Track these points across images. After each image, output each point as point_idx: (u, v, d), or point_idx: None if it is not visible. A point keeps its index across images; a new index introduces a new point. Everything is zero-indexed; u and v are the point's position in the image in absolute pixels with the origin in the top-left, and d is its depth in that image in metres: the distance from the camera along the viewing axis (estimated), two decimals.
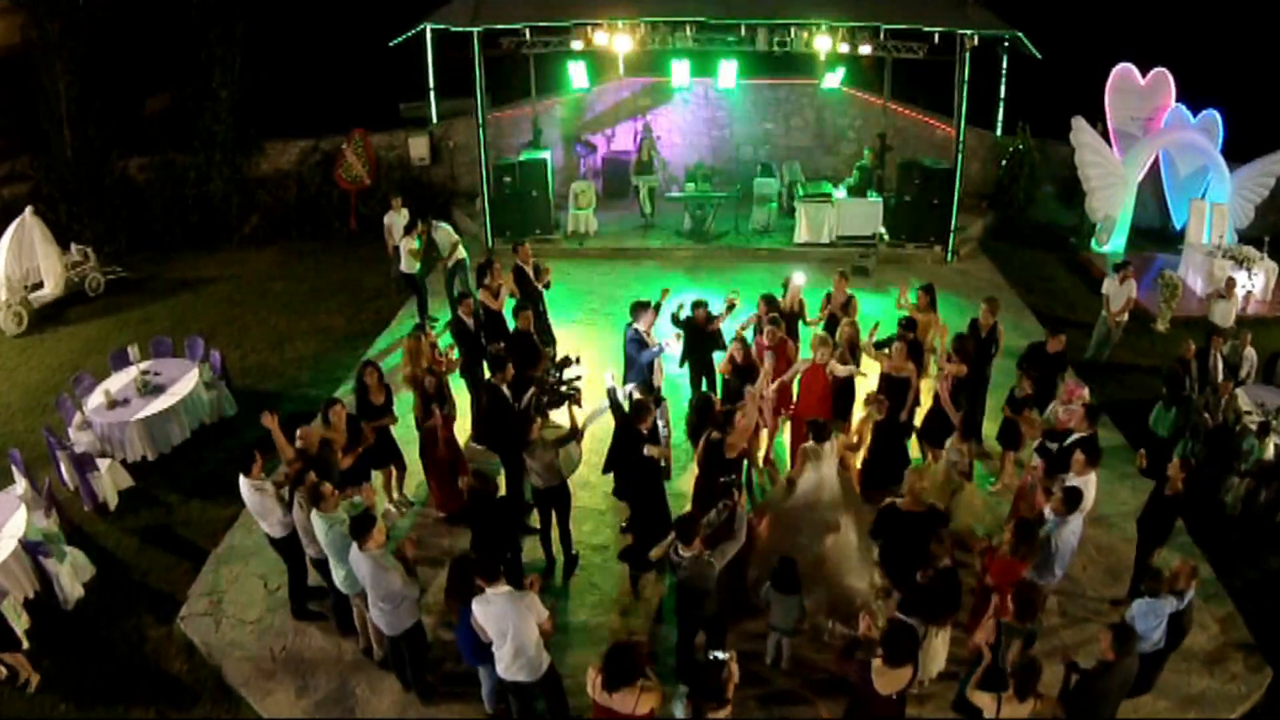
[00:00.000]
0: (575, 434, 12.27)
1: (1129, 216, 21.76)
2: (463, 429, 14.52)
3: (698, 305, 14.22)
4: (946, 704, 10.40)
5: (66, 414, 14.96)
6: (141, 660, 11.47)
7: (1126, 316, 16.71)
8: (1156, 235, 22.57)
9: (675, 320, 14.47)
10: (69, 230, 20.96)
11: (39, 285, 19.64)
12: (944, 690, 10.48)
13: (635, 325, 14.08)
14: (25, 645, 11.10)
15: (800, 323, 15.34)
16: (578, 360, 14.72)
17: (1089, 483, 10.70)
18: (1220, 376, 14.29)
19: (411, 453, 13.57)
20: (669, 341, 14.31)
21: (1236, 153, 21.29)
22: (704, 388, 14.70)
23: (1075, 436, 11.71)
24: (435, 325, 17.99)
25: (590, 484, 13.82)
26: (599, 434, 13.98)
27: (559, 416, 13.57)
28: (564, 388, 13.89)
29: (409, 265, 18.16)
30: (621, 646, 8.36)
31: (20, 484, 13.08)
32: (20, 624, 11.15)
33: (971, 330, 14.24)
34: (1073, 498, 10.21)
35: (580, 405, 13.51)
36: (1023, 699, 8.12)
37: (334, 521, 10.29)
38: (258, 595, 12.33)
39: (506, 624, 9.04)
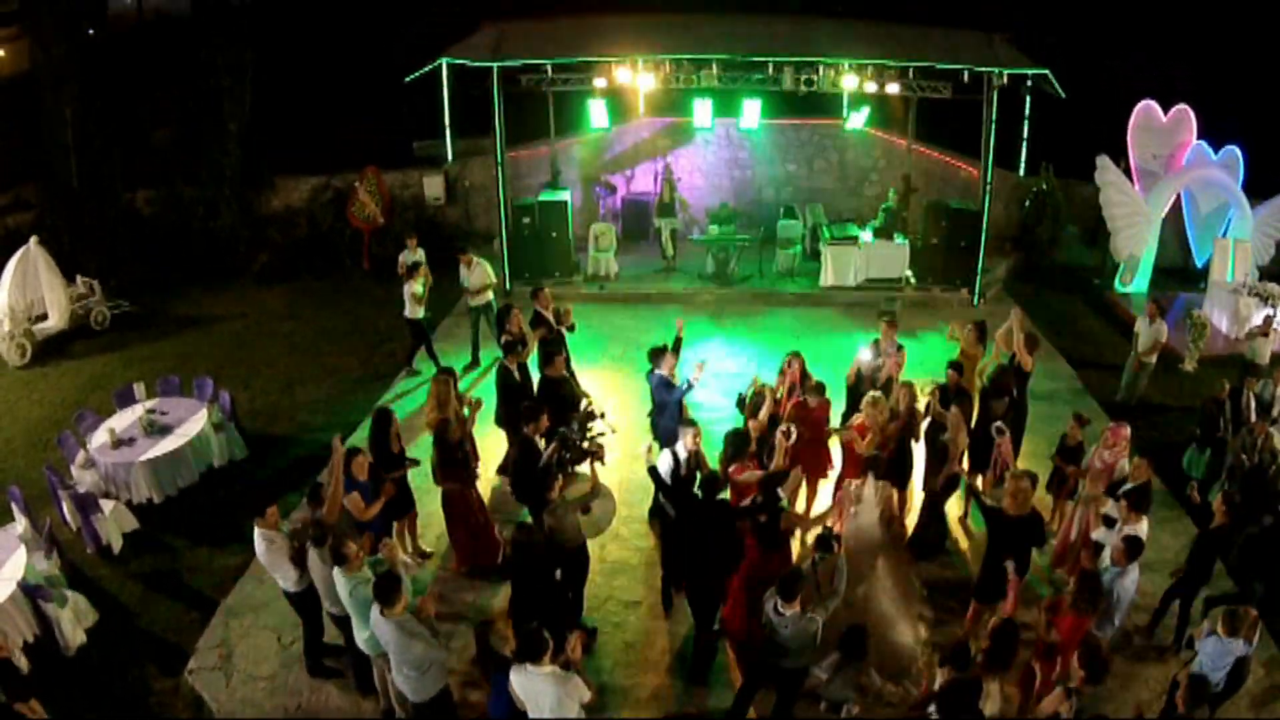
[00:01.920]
0: (596, 493, 11.67)
1: (1153, 255, 21.52)
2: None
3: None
4: None
5: (69, 452, 14.32)
6: (146, 714, 10.78)
7: (1155, 358, 16.36)
8: (1178, 274, 22.22)
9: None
10: (73, 262, 20.39)
11: (43, 317, 19.13)
12: None
13: (658, 371, 13.55)
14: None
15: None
16: (602, 415, 14.10)
17: (1143, 530, 10.44)
18: (1254, 416, 13.88)
19: (428, 502, 13.03)
20: (695, 377, 13.61)
21: (1257, 189, 21.09)
22: None
23: (1132, 485, 11.36)
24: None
25: (621, 537, 13.27)
26: (630, 484, 13.34)
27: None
28: (586, 443, 13.27)
29: (412, 310, 17.52)
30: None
31: (20, 523, 12.46)
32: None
33: (1013, 367, 13.92)
34: (1134, 547, 9.90)
35: (604, 462, 12.97)
36: None
37: (358, 581, 9.65)
38: (270, 650, 11.63)
39: (547, 700, 8.49)
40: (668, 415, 13.42)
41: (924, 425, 13.12)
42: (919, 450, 13.27)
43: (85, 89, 21.57)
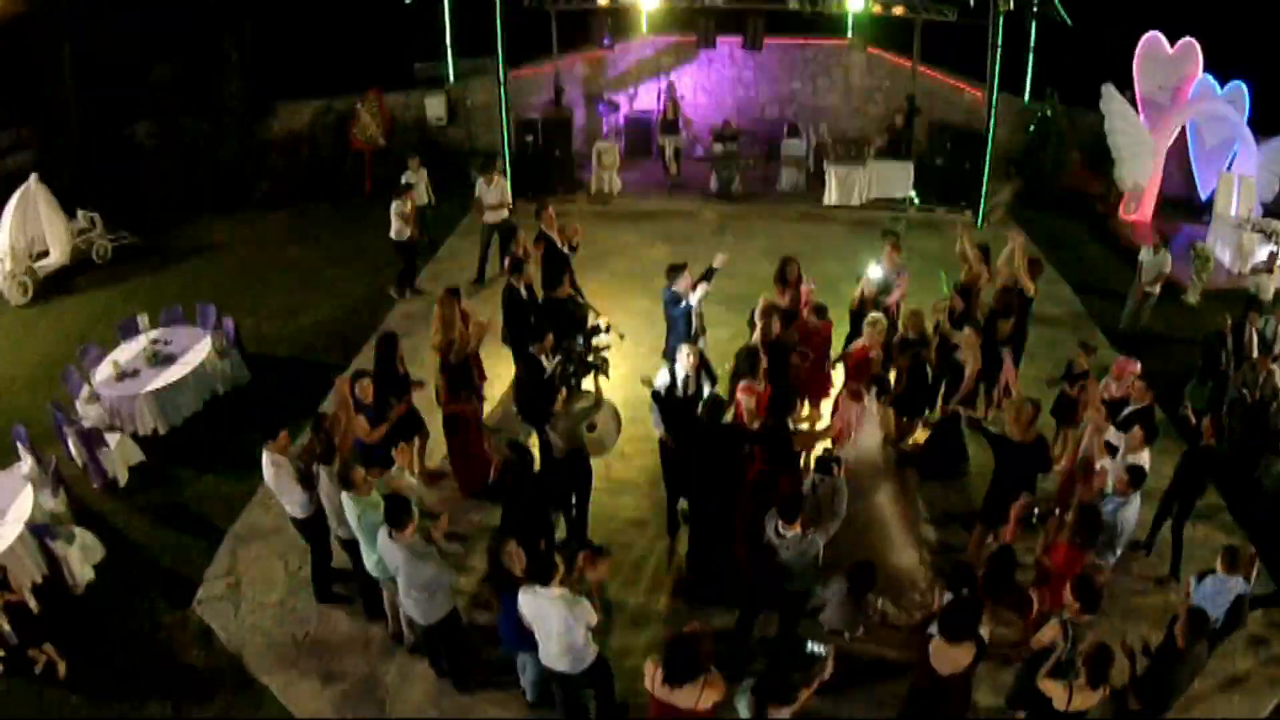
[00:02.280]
0: (599, 406, 11.63)
1: (1156, 186, 21.32)
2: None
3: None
4: (990, 687, 9.75)
5: (73, 387, 14.21)
6: (155, 648, 10.74)
7: (1159, 288, 16.16)
8: (1182, 205, 21.88)
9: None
10: (75, 196, 20.11)
11: (44, 253, 18.91)
12: (989, 672, 9.75)
13: (672, 288, 13.29)
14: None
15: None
16: (606, 329, 13.94)
17: (1146, 459, 10.44)
18: (1256, 352, 13.82)
19: (434, 423, 12.88)
20: (720, 262, 13.47)
21: (1263, 126, 20.55)
22: None
23: (1132, 408, 11.32)
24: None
25: (626, 455, 13.16)
26: (635, 401, 13.29)
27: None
28: (591, 357, 13.14)
29: (399, 232, 17.34)
30: (684, 639, 7.73)
31: (26, 462, 12.34)
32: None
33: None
34: (1137, 475, 9.85)
35: (607, 376, 13.02)
36: (1095, 687, 7.78)
37: (367, 506, 9.60)
38: (278, 577, 11.61)
39: (554, 624, 8.49)
40: (675, 334, 13.31)
41: (934, 347, 12.93)
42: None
43: (83, 25, 21.26)
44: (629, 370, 14.65)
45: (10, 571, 10.44)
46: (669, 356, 12.87)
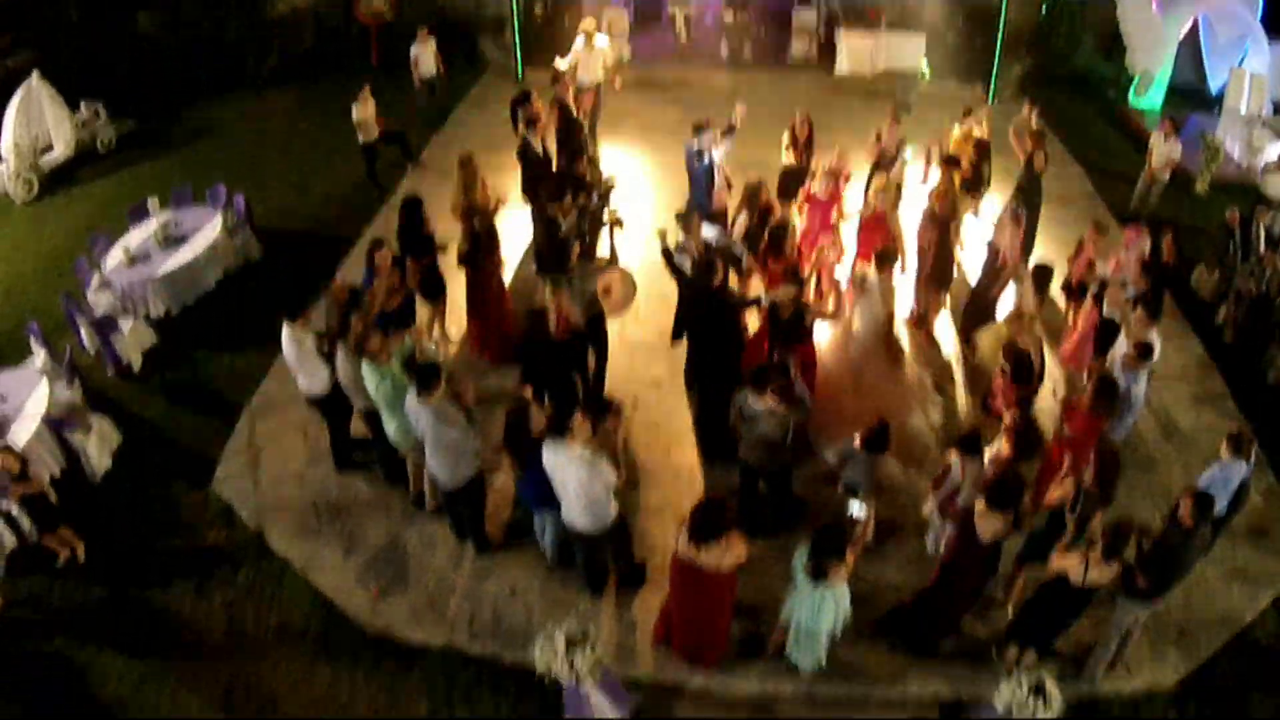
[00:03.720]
0: (616, 263, 11.43)
1: (1168, 73, 21.12)
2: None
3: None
4: None
5: (84, 277, 13.92)
6: (176, 530, 10.62)
7: (1168, 174, 16.17)
8: (1192, 95, 21.45)
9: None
10: (77, 89, 19.65)
11: (48, 149, 18.45)
12: None
13: (697, 145, 13.17)
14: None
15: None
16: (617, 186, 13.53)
17: (1154, 337, 10.48)
18: (1263, 247, 13.93)
19: (453, 288, 12.63)
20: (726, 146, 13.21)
21: (1274, 27, 20.55)
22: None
23: (1133, 291, 11.20)
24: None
25: (641, 317, 12.90)
26: (649, 263, 13.09)
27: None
28: (606, 213, 12.76)
29: (366, 135, 16.88)
30: (713, 501, 7.92)
31: (39, 355, 12.14)
32: None
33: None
34: (1145, 351, 10.00)
35: (623, 228, 12.82)
36: (1109, 560, 7.79)
37: (386, 374, 9.34)
38: (297, 449, 11.42)
39: (573, 482, 8.40)
40: (697, 188, 13.30)
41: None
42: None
43: None
44: (641, 234, 14.35)
45: (30, 465, 10.27)
46: (689, 212, 12.65)
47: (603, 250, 14.25)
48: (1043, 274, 11.78)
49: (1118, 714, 8.87)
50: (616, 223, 12.66)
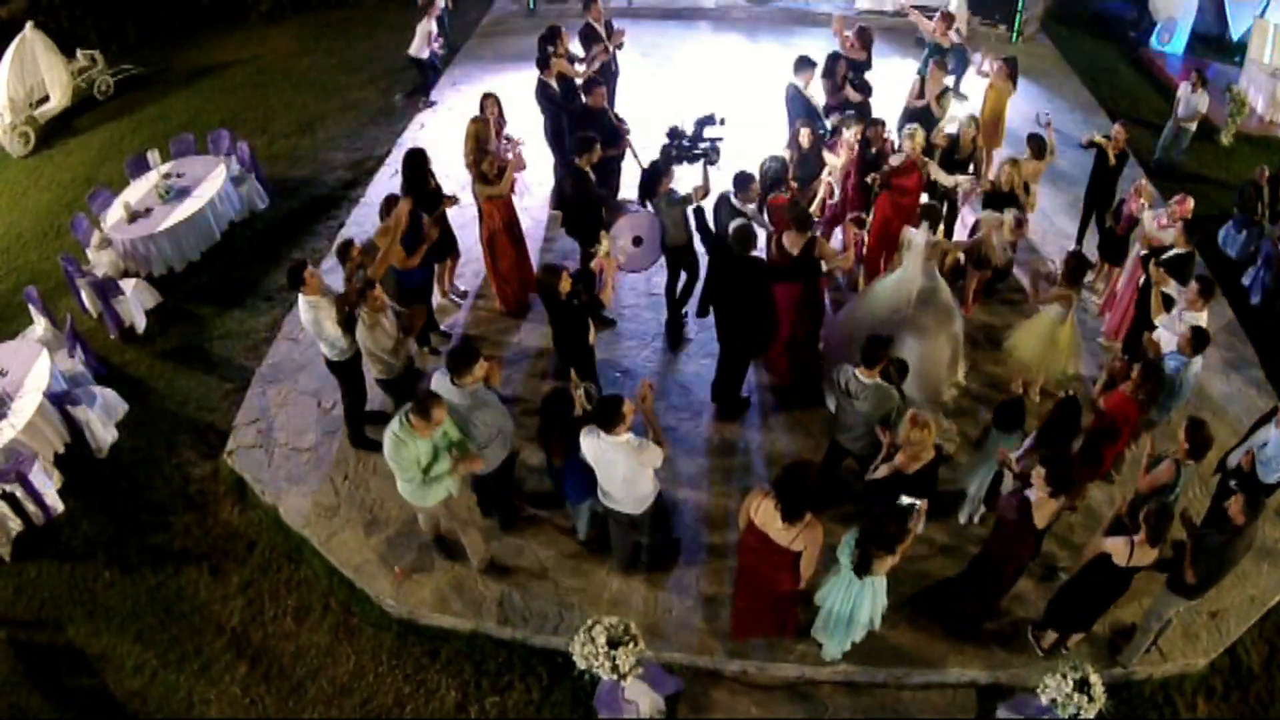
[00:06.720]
0: (708, 192, 11.15)
1: (1191, 18, 20.54)
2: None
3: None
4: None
5: (83, 235, 13.35)
6: (187, 507, 10.16)
7: (1195, 125, 15.82)
8: (1214, 42, 20.94)
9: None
10: (73, 36, 18.98)
11: (45, 99, 17.80)
12: None
13: (795, 84, 13.27)
14: (60, 509, 10.03)
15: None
16: (722, 121, 12.80)
17: (1204, 319, 9.90)
18: None
19: (465, 238, 12.13)
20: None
21: None
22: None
23: (1174, 252, 10.73)
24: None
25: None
26: None
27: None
28: (700, 145, 12.32)
29: (419, 49, 16.45)
30: (799, 469, 7.28)
31: (39, 324, 11.69)
32: (53, 484, 10.11)
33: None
34: (1200, 337, 9.41)
35: (716, 165, 12.08)
36: (1154, 545, 7.59)
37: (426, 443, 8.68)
38: (311, 418, 10.88)
39: (619, 469, 7.97)
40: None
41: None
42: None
43: None
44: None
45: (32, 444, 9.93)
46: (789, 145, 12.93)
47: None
48: (1079, 263, 11.07)
49: (1149, 696, 8.70)
50: (710, 158, 12.06)
